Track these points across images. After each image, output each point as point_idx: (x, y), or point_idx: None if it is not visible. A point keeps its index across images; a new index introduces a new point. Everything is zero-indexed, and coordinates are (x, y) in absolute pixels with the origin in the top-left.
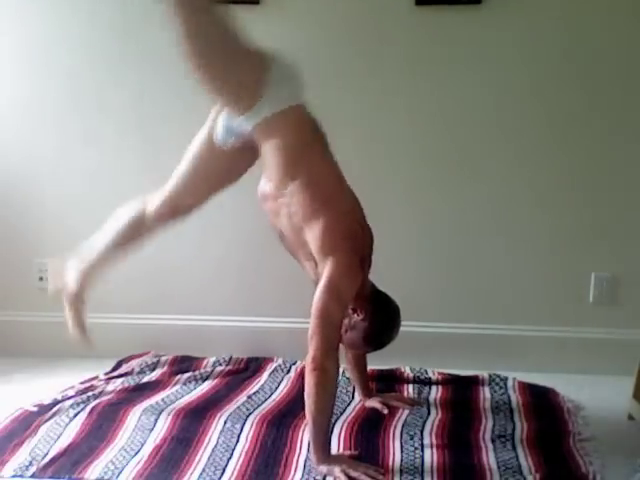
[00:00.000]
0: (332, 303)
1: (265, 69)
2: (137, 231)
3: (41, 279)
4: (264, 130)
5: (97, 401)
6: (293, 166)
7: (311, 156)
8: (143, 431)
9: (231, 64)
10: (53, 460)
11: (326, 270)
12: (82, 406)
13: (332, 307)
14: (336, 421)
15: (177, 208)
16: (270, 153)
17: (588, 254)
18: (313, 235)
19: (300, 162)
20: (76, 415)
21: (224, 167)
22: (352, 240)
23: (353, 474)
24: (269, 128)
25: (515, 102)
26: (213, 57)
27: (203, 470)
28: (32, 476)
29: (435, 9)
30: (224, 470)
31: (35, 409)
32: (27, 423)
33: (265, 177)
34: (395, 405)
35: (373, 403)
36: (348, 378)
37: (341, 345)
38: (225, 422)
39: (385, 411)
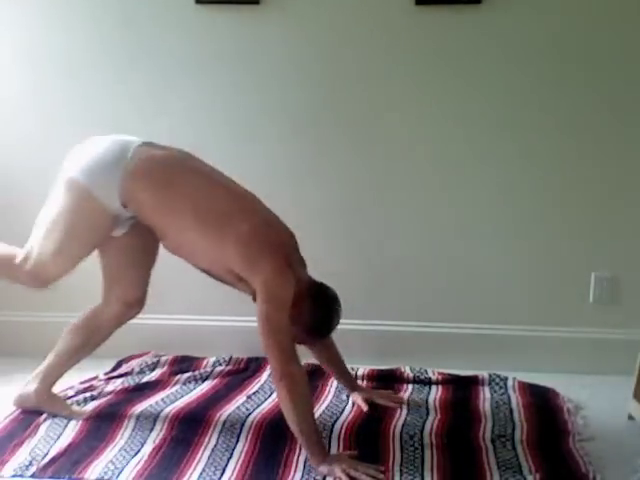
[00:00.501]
0: (274, 312)
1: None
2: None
3: None
4: (131, 207)
5: (97, 401)
6: (165, 216)
7: (172, 200)
8: (142, 431)
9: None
10: (53, 460)
11: (258, 283)
12: (82, 406)
13: (275, 316)
14: (335, 421)
15: (128, 303)
16: (143, 216)
17: (588, 254)
18: (232, 257)
19: (168, 210)
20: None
21: (140, 248)
22: (268, 244)
23: (354, 474)
24: (130, 205)
25: (515, 102)
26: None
27: (203, 470)
28: (32, 476)
29: (435, 9)
30: (224, 470)
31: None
32: (27, 423)
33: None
34: (381, 403)
35: (357, 399)
36: None
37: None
38: (225, 422)
39: (365, 409)
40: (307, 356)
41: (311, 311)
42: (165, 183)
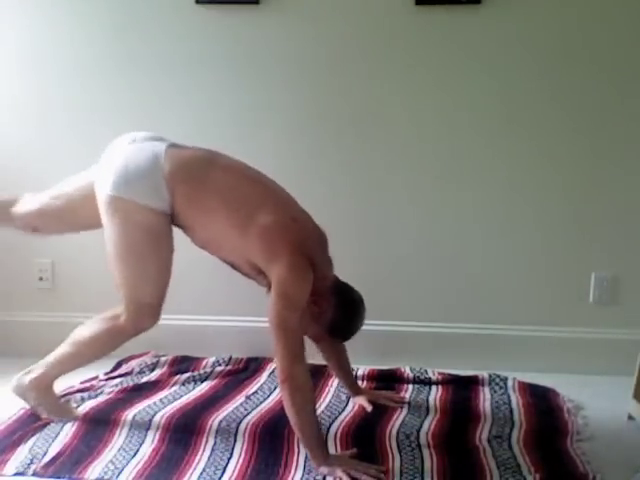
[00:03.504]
0: (285, 311)
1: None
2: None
3: (41, 279)
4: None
5: (97, 401)
6: (197, 212)
7: (204, 197)
8: (141, 431)
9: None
10: (54, 459)
11: (273, 278)
12: (82, 406)
13: (286, 315)
14: (334, 421)
15: (36, 225)
16: (177, 213)
17: (588, 254)
18: (254, 249)
19: (200, 207)
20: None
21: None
22: (290, 239)
23: (354, 474)
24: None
25: (515, 102)
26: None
27: (203, 470)
28: (33, 474)
29: (435, 9)
30: (224, 470)
31: None
32: (28, 422)
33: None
34: (383, 403)
35: (360, 400)
36: None
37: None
38: (224, 422)
39: (369, 409)
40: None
41: (334, 312)
42: (197, 181)
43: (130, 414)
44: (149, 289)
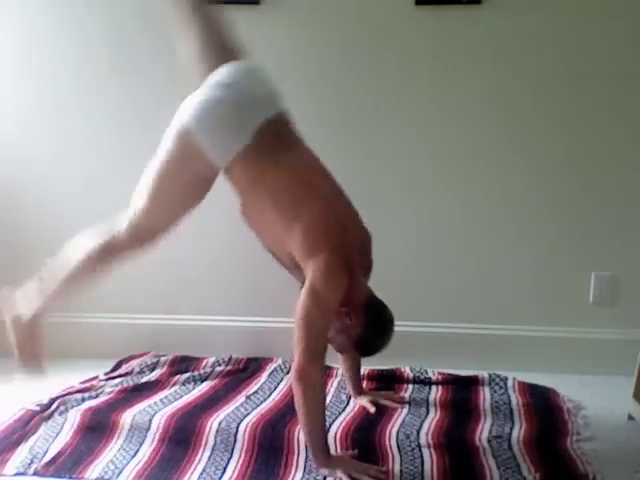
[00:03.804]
0: (314, 308)
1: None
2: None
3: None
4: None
5: (97, 401)
6: (252, 194)
7: (263, 180)
8: (142, 431)
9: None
10: (54, 459)
11: (308, 274)
12: (81, 406)
13: (314, 312)
14: (334, 421)
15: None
16: (235, 185)
17: (588, 254)
18: (295, 243)
19: (257, 191)
20: (75, 415)
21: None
22: (333, 240)
23: (355, 475)
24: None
25: (515, 102)
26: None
27: (203, 470)
28: (34, 474)
29: (435, 9)
30: (224, 470)
31: (37, 409)
32: (27, 422)
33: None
34: (384, 404)
35: (362, 401)
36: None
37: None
38: (223, 422)
39: (372, 410)
40: None
41: (364, 328)
42: (263, 166)
43: (130, 414)
44: (159, 221)
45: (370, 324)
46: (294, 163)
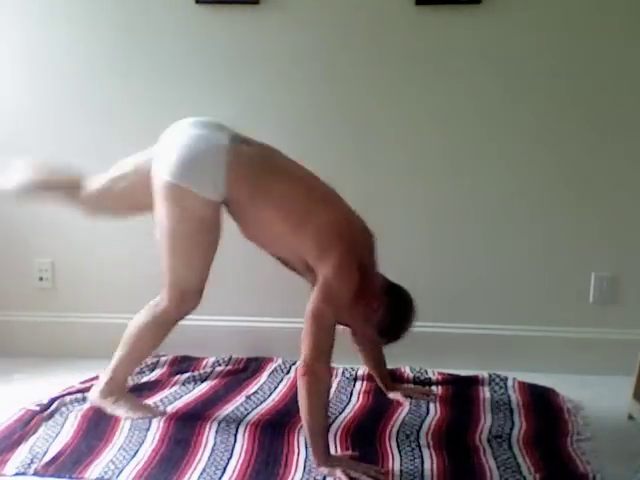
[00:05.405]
0: (325, 305)
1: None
2: (70, 194)
3: (41, 279)
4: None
5: None
6: (255, 209)
7: (267, 192)
8: (142, 431)
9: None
10: (54, 459)
11: (321, 271)
12: (81, 406)
13: (324, 309)
14: (334, 421)
15: (95, 207)
16: (233, 208)
17: (588, 254)
18: (307, 247)
19: (259, 206)
20: (76, 415)
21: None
22: (343, 239)
23: (354, 475)
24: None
25: (515, 101)
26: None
27: (203, 470)
28: (34, 474)
29: (435, 9)
30: (224, 470)
31: (37, 409)
32: (27, 422)
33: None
34: (418, 397)
35: (397, 396)
36: (347, 378)
37: (352, 343)
38: (224, 422)
39: (407, 404)
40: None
41: (385, 312)
42: (256, 181)
43: None
44: (193, 277)
45: (392, 307)
46: (289, 170)
